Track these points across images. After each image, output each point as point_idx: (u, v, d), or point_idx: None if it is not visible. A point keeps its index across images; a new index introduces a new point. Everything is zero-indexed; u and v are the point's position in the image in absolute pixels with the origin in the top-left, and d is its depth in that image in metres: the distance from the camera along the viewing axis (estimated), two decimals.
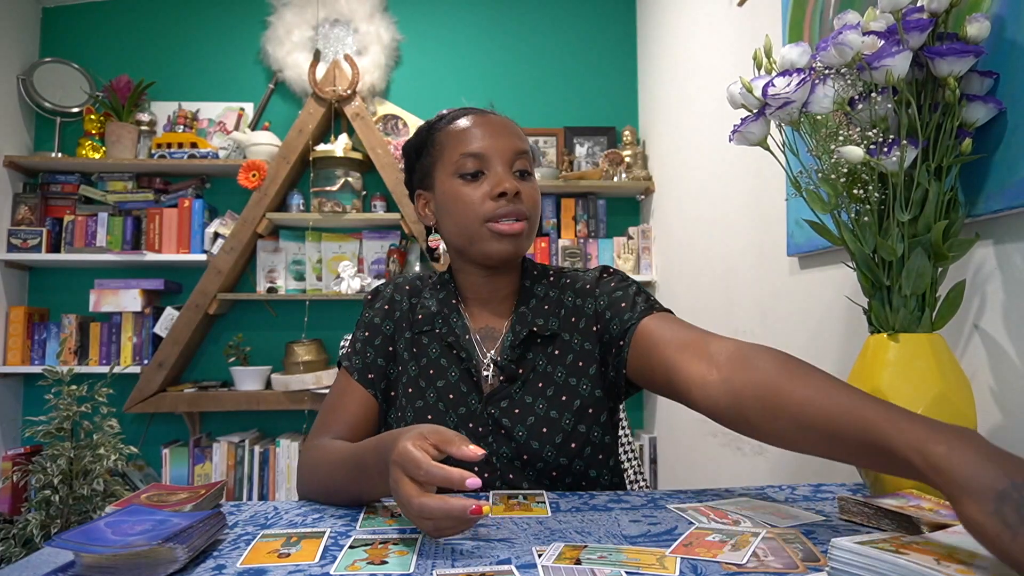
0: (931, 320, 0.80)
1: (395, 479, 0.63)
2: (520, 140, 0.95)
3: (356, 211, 2.65)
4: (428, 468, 0.61)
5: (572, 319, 0.96)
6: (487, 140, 0.92)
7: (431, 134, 0.97)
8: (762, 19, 1.62)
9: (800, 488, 0.85)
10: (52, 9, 2.81)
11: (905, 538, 0.52)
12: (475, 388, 0.92)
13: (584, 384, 0.92)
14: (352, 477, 0.76)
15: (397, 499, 0.63)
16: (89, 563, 0.55)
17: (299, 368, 2.53)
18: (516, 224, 0.90)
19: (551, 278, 1.01)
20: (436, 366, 0.95)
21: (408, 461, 0.62)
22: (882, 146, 0.78)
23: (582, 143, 2.88)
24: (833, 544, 0.52)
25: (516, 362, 0.92)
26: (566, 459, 0.89)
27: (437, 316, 0.97)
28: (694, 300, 2.19)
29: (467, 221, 0.91)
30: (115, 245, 2.62)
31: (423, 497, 0.61)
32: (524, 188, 0.92)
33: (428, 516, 0.60)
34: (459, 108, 0.99)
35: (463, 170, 0.91)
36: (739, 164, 1.77)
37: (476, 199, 0.90)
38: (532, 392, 0.92)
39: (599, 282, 0.98)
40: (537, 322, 0.94)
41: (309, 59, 2.70)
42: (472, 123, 0.94)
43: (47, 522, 2.05)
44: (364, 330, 0.99)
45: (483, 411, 0.91)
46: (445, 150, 0.94)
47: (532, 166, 0.96)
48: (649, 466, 2.61)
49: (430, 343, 0.96)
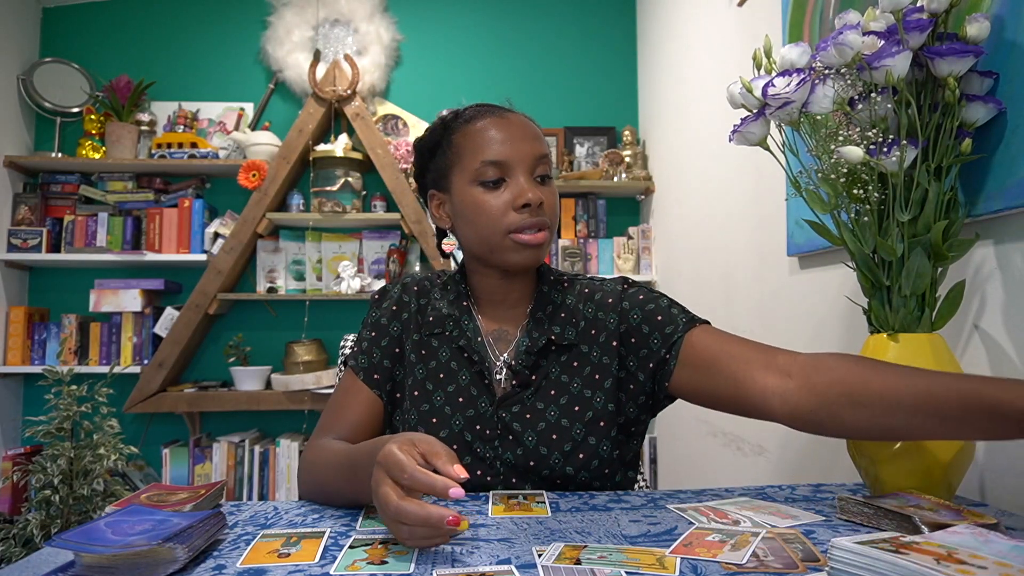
0: (931, 320, 0.80)
1: (376, 480, 0.62)
2: (541, 144, 0.92)
3: (356, 211, 2.65)
4: (413, 472, 0.60)
5: (592, 331, 0.94)
6: (508, 146, 0.89)
7: (447, 134, 0.94)
8: (762, 19, 1.62)
9: (800, 488, 0.85)
10: (52, 9, 2.81)
11: (905, 538, 0.52)
12: (486, 391, 0.91)
13: (598, 397, 0.91)
14: (346, 478, 0.76)
15: (376, 500, 0.62)
16: (89, 563, 0.55)
17: (299, 368, 2.53)
18: (539, 235, 0.88)
19: (566, 284, 0.99)
20: (446, 369, 0.93)
21: (393, 463, 0.61)
22: (882, 146, 0.78)
23: (582, 143, 2.88)
24: (833, 544, 0.52)
25: (530, 368, 0.91)
26: (572, 469, 0.88)
27: (448, 319, 0.95)
28: (694, 300, 2.19)
29: (489, 232, 0.89)
30: (115, 245, 2.62)
31: (403, 501, 0.59)
32: (545, 195, 0.90)
33: (404, 520, 0.59)
34: (476, 105, 0.96)
35: (484, 178, 0.89)
36: (739, 164, 1.77)
37: (498, 209, 0.88)
38: (544, 399, 0.90)
39: (624, 295, 0.95)
40: (554, 330, 0.92)
41: (309, 59, 2.70)
42: (492, 126, 0.90)
43: (47, 522, 2.05)
44: (371, 330, 0.97)
45: (493, 414, 0.90)
46: (464, 155, 0.91)
47: (551, 168, 0.93)
48: (649, 466, 2.61)
49: (440, 346, 0.95)
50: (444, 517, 0.57)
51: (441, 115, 0.98)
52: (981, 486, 0.87)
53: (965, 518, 0.64)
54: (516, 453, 0.88)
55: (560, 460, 0.87)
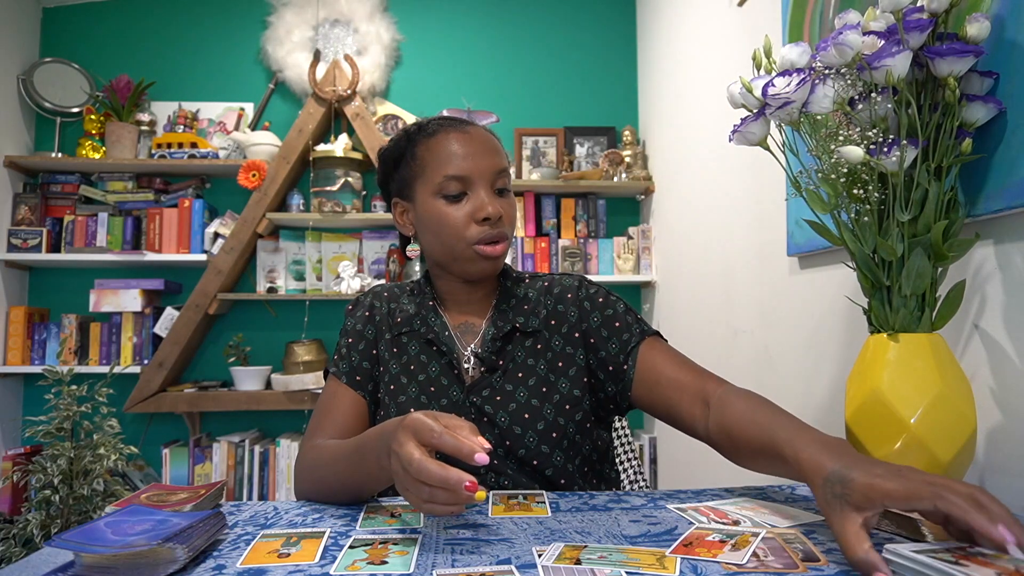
0: (931, 320, 0.80)
1: (400, 441, 0.63)
2: (500, 158, 0.97)
3: (356, 211, 2.65)
4: (442, 433, 0.62)
5: (552, 321, 0.99)
6: (469, 161, 0.93)
7: (411, 146, 0.98)
8: (762, 19, 1.62)
9: (800, 488, 0.85)
10: (52, 9, 2.81)
11: (971, 549, 0.51)
12: (456, 380, 0.95)
13: (563, 382, 0.95)
14: (353, 466, 0.76)
15: (397, 462, 0.63)
16: (89, 563, 0.55)
17: (299, 368, 2.53)
18: (498, 247, 0.94)
19: (526, 280, 1.05)
20: (416, 362, 0.97)
21: (422, 426, 0.63)
22: (882, 146, 0.78)
23: (582, 143, 2.88)
24: (887, 549, 0.51)
25: (496, 354, 0.95)
26: (547, 447, 0.91)
27: (415, 317, 1.00)
28: (694, 300, 2.19)
29: (452, 242, 0.94)
30: (115, 245, 2.62)
31: (426, 459, 0.61)
32: (504, 208, 0.95)
33: (425, 478, 0.60)
34: (439, 118, 1.00)
35: (446, 191, 0.93)
36: (739, 164, 1.77)
37: (460, 222, 0.93)
38: (513, 381, 0.94)
39: (581, 291, 1.01)
40: (518, 320, 0.98)
41: (309, 59, 2.70)
42: (455, 141, 0.94)
43: (47, 522, 2.05)
44: (348, 337, 1.02)
45: (465, 400, 0.93)
46: (427, 168, 0.95)
47: (510, 181, 0.98)
48: (649, 466, 2.61)
49: (410, 342, 0.99)
50: (463, 480, 0.60)
51: (405, 127, 1.03)
52: (981, 486, 0.87)
53: None
54: (493, 435, 0.91)
55: (535, 439, 0.91)
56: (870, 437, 0.78)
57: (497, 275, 1.03)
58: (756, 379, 1.67)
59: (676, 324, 2.40)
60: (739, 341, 1.80)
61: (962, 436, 0.74)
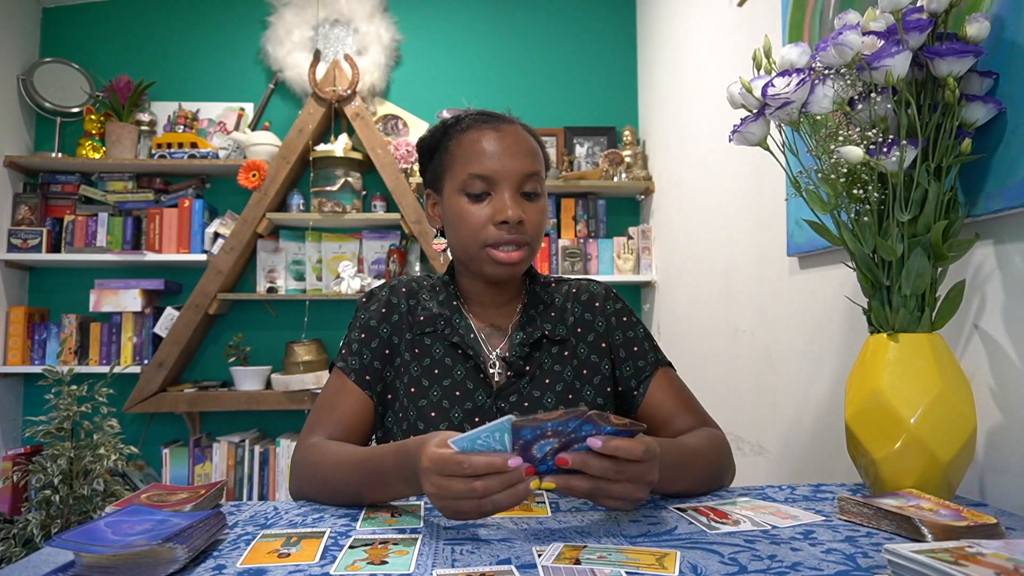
0: (931, 320, 0.80)
1: (425, 469, 0.64)
2: (532, 160, 0.93)
3: (356, 211, 2.65)
4: (468, 457, 0.61)
5: (579, 329, 0.99)
6: (497, 161, 0.90)
7: (445, 139, 0.96)
8: (762, 19, 1.62)
9: (800, 488, 0.85)
10: (52, 9, 2.81)
11: (971, 548, 0.51)
12: (483, 384, 0.93)
13: (588, 390, 0.95)
14: (365, 481, 0.76)
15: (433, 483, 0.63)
16: (89, 563, 0.55)
17: (299, 368, 2.53)
18: (514, 253, 0.91)
19: (553, 284, 1.04)
20: (440, 365, 0.95)
21: (446, 460, 0.62)
22: (882, 146, 0.78)
23: (582, 143, 2.88)
24: (887, 549, 0.51)
25: (524, 359, 0.94)
26: None
27: (439, 318, 0.97)
28: (694, 300, 2.19)
29: (468, 242, 0.92)
30: (115, 245, 2.62)
31: (464, 453, 0.61)
32: (529, 212, 0.91)
33: (472, 471, 0.60)
34: (476, 112, 0.97)
35: (469, 189, 0.91)
36: (739, 164, 1.77)
37: (479, 222, 0.91)
38: (540, 387, 0.93)
39: (608, 302, 1.01)
40: (546, 327, 0.96)
41: (309, 59, 2.70)
42: (485, 138, 0.92)
43: (47, 522, 2.05)
44: (360, 332, 0.98)
45: (492, 405, 0.92)
46: (455, 162, 0.93)
47: (543, 185, 0.95)
48: None
49: (433, 344, 0.96)
50: (507, 459, 0.60)
51: (444, 117, 1.00)
52: (981, 486, 0.87)
53: (965, 518, 0.64)
54: None
55: None
56: (870, 437, 0.78)
57: (524, 278, 1.01)
58: (756, 379, 1.67)
59: (676, 324, 2.40)
60: (739, 341, 1.80)
61: (962, 436, 0.74)
